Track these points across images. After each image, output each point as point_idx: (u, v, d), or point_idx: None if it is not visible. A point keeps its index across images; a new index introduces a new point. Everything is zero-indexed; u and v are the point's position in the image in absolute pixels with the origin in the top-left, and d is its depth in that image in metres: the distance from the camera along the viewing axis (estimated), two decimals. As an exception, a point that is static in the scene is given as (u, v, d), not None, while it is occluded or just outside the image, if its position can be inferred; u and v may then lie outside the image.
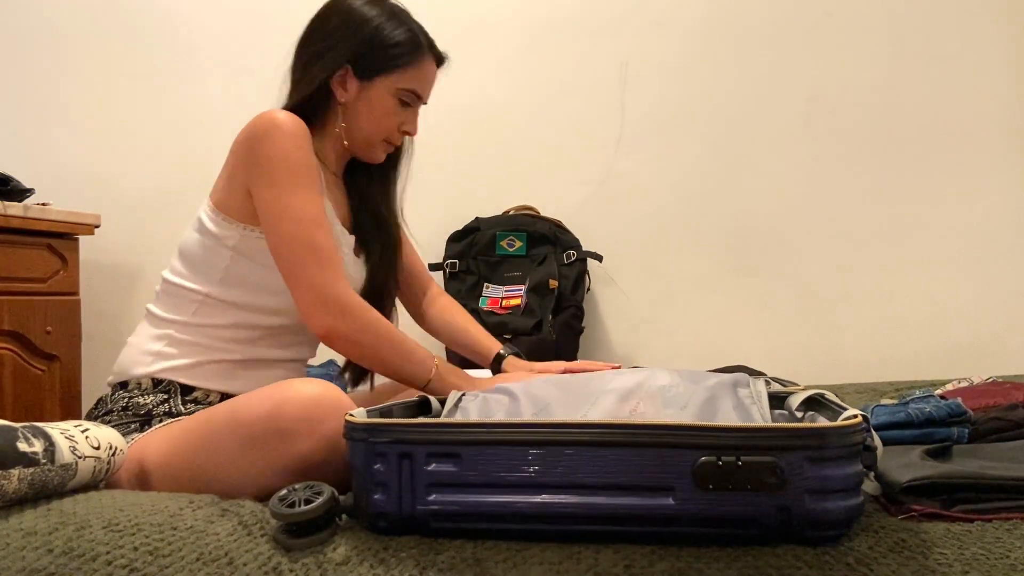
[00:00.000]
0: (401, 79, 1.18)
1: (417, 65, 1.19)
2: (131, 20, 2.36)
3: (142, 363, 1.13)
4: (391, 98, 1.19)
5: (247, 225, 1.13)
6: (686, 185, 2.22)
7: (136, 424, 1.09)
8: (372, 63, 1.16)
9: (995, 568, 0.70)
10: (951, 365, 2.03)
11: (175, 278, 1.17)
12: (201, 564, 0.73)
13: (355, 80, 1.17)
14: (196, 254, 1.16)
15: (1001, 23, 2.11)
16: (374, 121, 1.19)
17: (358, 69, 1.17)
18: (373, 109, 1.18)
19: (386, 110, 1.19)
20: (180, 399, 1.11)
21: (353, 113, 1.19)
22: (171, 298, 1.17)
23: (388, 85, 1.18)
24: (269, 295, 1.15)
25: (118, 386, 1.15)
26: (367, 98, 1.18)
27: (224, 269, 1.14)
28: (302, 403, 0.93)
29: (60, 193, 2.13)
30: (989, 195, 2.11)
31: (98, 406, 1.15)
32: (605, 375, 0.98)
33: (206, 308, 1.14)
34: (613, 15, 2.24)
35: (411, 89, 1.20)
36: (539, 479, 0.76)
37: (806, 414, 0.91)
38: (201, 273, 1.15)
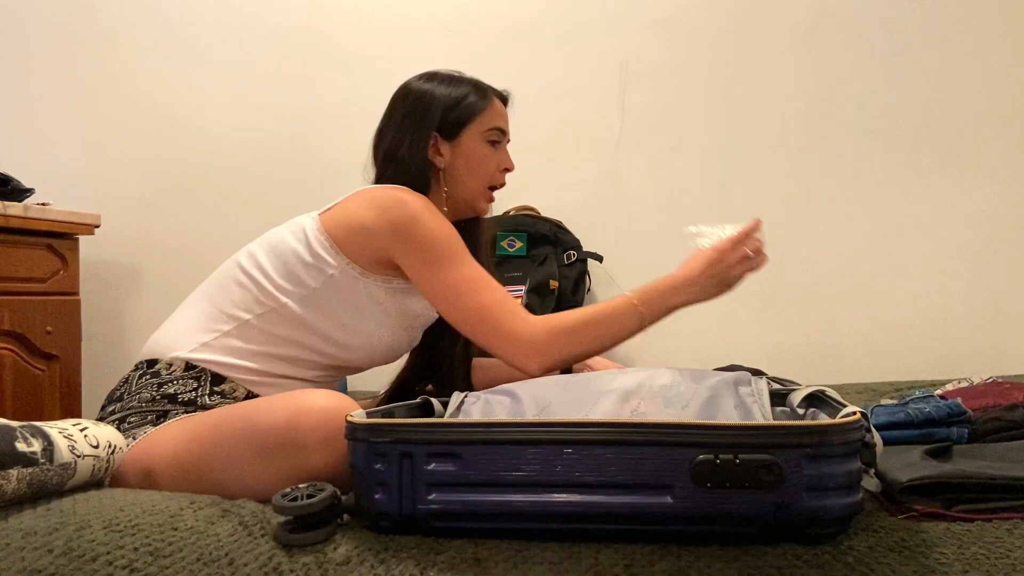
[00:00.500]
0: (483, 123, 1.28)
1: (489, 106, 1.30)
2: (131, 20, 2.36)
3: (184, 347, 1.13)
4: (482, 143, 1.29)
5: (351, 262, 1.16)
6: (686, 185, 2.22)
7: (153, 416, 1.08)
8: (453, 121, 1.26)
9: (995, 568, 0.70)
10: (951, 365, 2.02)
11: (259, 274, 1.17)
12: (201, 564, 0.73)
13: (446, 143, 1.27)
14: (291, 263, 1.16)
15: (1001, 23, 2.11)
16: (475, 170, 1.29)
17: (444, 133, 1.26)
18: (471, 160, 1.28)
19: (482, 156, 1.29)
20: (208, 388, 1.11)
21: (455, 172, 1.28)
22: (244, 291, 1.16)
23: (474, 133, 1.28)
24: (338, 328, 1.17)
25: (145, 365, 1.14)
26: (462, 153, 1.28)
27: (312, 290, 1.15)
28: (318, 416, 0.93)
29: (60, 193, 2.13)
30: (989, 195, 2.11)
31: (122, 387, 1.14)
32: (606, 375, 0.98)
33: (275, 315, 1.15)
34: (613, 15, 2.24)
35: (494, 127, 1.30)
36: (539, 478, 0.76)
37: (807, 411, 0.91)
38: (290, 282, 1.16)
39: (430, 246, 1.14)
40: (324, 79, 2.33)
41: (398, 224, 1.14)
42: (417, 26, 2.30)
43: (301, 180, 2.30)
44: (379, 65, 2.29)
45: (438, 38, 2.30)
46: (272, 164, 2.33)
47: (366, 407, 1.03)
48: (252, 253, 1.20)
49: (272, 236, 1.22)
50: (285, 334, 1.15)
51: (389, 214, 1.15)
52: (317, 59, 2.33)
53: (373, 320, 1.19)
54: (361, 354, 1.22)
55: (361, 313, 1.17)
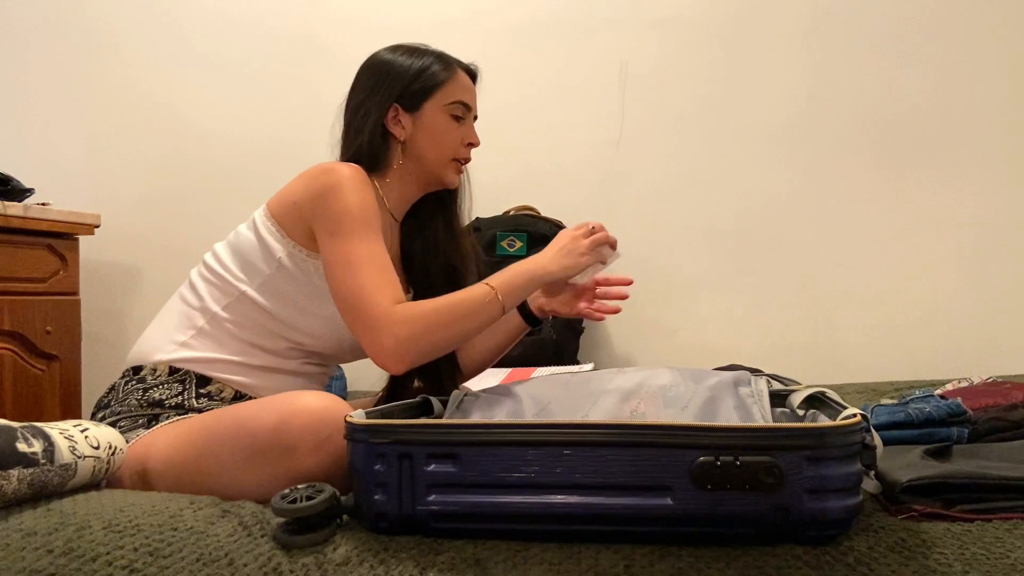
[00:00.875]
0: (445, 95, 1.25)
1: (453, 79, 1.26)
2: (131, 20, 2.36)
3: (164, 350, 1.14)
4: (444, 116, 1.25)
5: (297, 243, 1.15)
6: (686, 185, 2.22)
7: (144, 419, 1.09)
8: (415, 93, 1.23)
9: (995, 568, 0.70)
10: (951, 365, 2.02)
11: (219, 267, 1.18)
12: (201, 565, 0.73)
13: (407, 115, 1.24)
14: (246, 252, 1.17)
15: (1000, 23, 2.11)
16: (437, 143, 1.25)
17: (405, 104, 1.23)
18: (433, 132, 1.24)
19: (444, 128, 1.25)
20: (195, 391, 1.11)
21: (415, 145, 1.25)
22: (209, 285, 1.18)
23: (436, 105, 1.24)
24: (298, 313, 1.16)
25: (131, 372, 1.15)
26: (423, 125, 1.24)
27: (267, 276, 1.15)
28: (309, 418, 0.93)
29: (60, 193, 2.13)
30: (989, 195, 2.11)
31: (109, 394, 1.15)
32: (606, 374, 0.98)
33: (240, 305, 1.15)
34: (612, 15, 2.24)
35: (457, 100, 1.26)
36: (538, 479, 0.76)
37: (808, 412, 0.91)
38: (245, 271, 1.16)
39: (337, 217, 1.10)
40: (324, 80, 2.32)
41: (317, 193, 1.12)
42: (417, 27, 2.30)
43: (301, 180, 2.30)
44: (379, 65, 2.29)
45: (437, 39, 2.27)
46: (272, 164, 2.33)
47: (363, 407, 1.04)
48: (215, 250, 1.22)
49: (235, 231, 1.22)
50: (253, 323, 1.15)
51: (312, 183, 1.13)
52: (317, 60, 2.33)
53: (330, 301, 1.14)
54: (331, 341, 1.20)
55: (318, 296, 1.15)
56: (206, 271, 1.19)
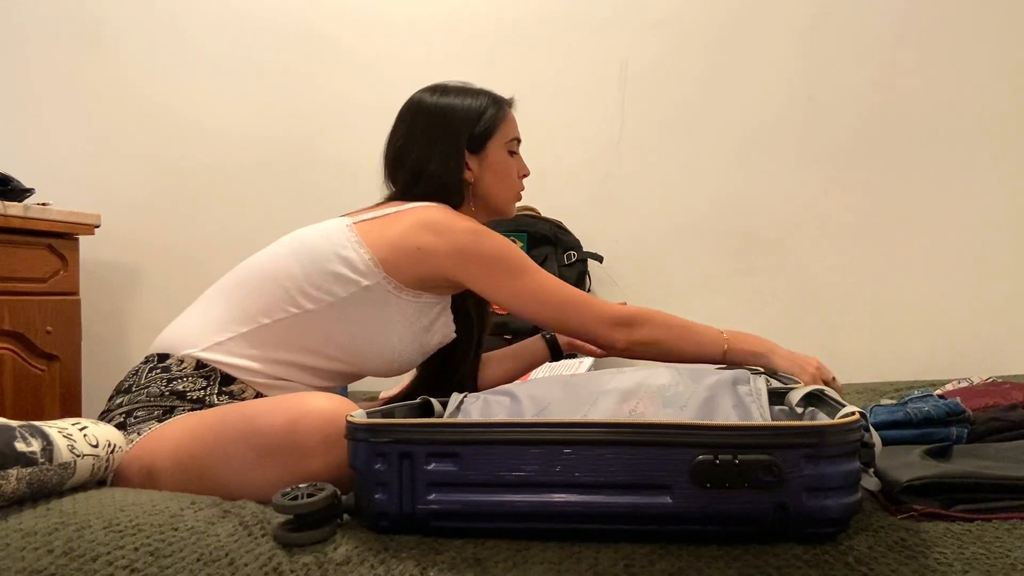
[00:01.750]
0: (503, 134, 1.31)
1: (505, 116, 1.32)
2: (131, 19, 2.36)
3: (197, 344, 1.13)
4: (504, 153, 1.31)
5: (389, 277, 1.16)
6: (686, 185, 2.22)
7: (159, 411, 1.08)
8: (479, 135, 1.29)
9: (995, 568, 0.70)
10: (951, 365, 2.02)
11: (285, 278, 1.15)
12: (202, 565, 0.73)
13: (473, 157, 1.29)
14: (324, 270, 1.14)
15: (999, 22, 2.11)
16: (502, 181, 1.32)
17: (470, 147, 1.28)
18: (498, 171, 1.31)
19: (507, 167, 1.32)
20: (217, 388, 1.11)
21: (484, 184, 1.30)
22: (266, 293, 1.14)
23: (497, 145, 1.30)
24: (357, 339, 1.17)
25: (156, 358, 1.14)
26: (489, 166, 1.30)
27: (341, 299, 1.14)
28: (319, 419, 0.93)
29: (60, 193, 2.13)
30: (989, 195, 2.11)
31: (131, 379, 1.14)
32: (606, 374, 0.98)
33: (295, 321, 1.13)
34: (613, 15, 2.24)
35: (513, 137, 1.33)
36: (538, 479, 0.76)
37: (806, 410, 0.91)
38: (318, 289, 1.14)
39: (500, 261, 1.19)
40: (325, 79, 2.33)
41: (462, 247, 1.17)
42: (418, 26, 2.30)
43: (302, 180, 2.30)
44: (380, 65, 2.29)
45: (438, 38, 2.30)
46: (272, 164, 2.33)
47: (367, 408, 1.03)
48: (278, 255, 1.18)
49: (302, 240, 1.19)
50: (302, 341, 1.14)
51: (448, 238, 1.17)
52: (318, 59, 2.33)
53: (396, 335, 1.19)
54: (373, 366, 1.22)
55: (386, 326, 1.18)
56: (268, 279, 1.15)
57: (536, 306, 1.20)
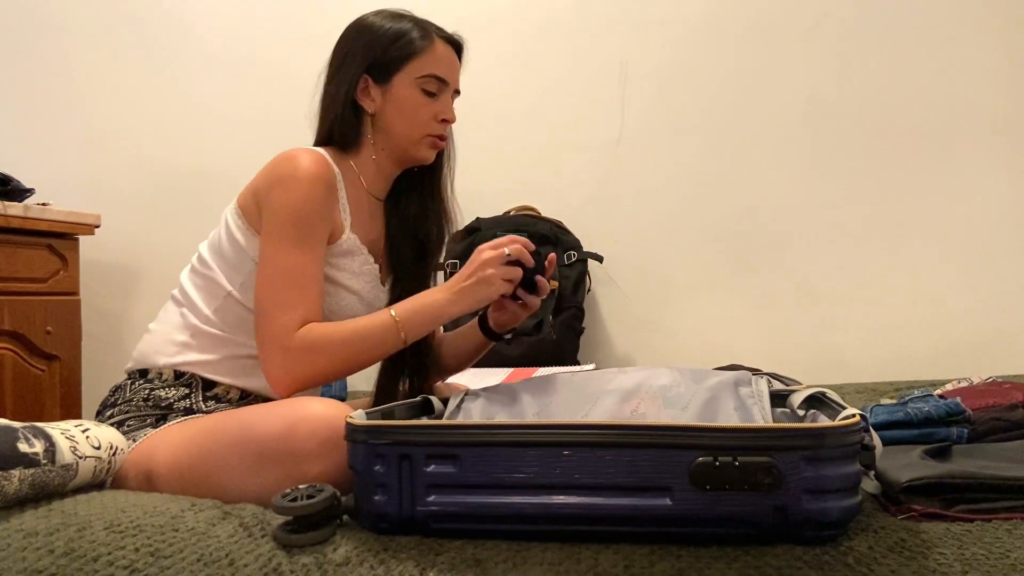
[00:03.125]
0: (417, 68, 1.18)
1: (428, 50, 1.19)
2: (132, 19, 2.36)
3: (166, 353, 1.13)
4: (415, 90, 1.18)
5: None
6: (686, 185, 2.22)
7: (152, 419, 1.09)
8: (385, 63, 1.17)
9: (995, 568, 0.70)
10: (951, 365, 2.02)
11: (203, 269, 1.17)
12: (202, 565, 0.73)
13: (376, 87, 1.18)
14: (224, 252, 1.16)
15: (1000, 22, 2.11)
16: (406, 118, 1.19)
17: (375, 74, 1.18)
18: (402, 107, 1.18)
19: (415, 103, 1.19)
20: (201, 394, 1.12)
21: (385, 119, 1.20)
22: (197, 288, 1.17)
23: (407, 78, 1.18)
24: None
25: (137, 374, 1.15)
26: (393, 99, 1.18)
27: (247, 274, 1.13)
28: (316, 425, 0.93)
29: (60, 193, 2.13)
30: (989, 195, 2.11)
31: (114, 393, 1.15)
32: (606, 374, 0.98)
33: (227, 304, 1.14)
34: (613, 15, 2.24)
35: (429, 74, 1.19)
36: (538, 480, 0.76)
37: (808, 412, 0.91)
38: (227, 272, 1.15)
39: (276, 214, 1.07)
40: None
41: (272, 180, 1.09)
42: (417, 26, 2.30)
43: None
44: (379, 65, 2.29)
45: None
46: (272, 164, 2.33)
47: (363, 406, 1.04)
48: (199, 249, 1.20)
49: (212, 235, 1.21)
50: (243, 323, 1.14)
51: (271, 170, 1.10)
52: (317, 61, 2.33)
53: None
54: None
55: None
56: (192, 274, 1.19)
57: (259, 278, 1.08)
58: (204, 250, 1.19)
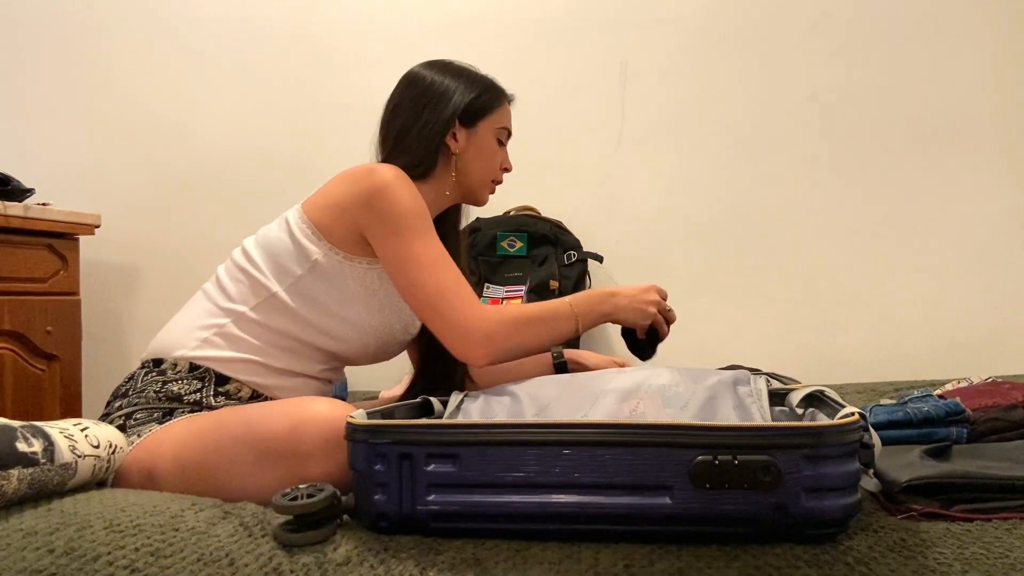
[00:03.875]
0: (497, 119, 1.30)
1: (502, 104, 1.32)
2: (131, 19, 2.36)
3: (186, 345, 1.14)
4: (493, 139, 1.30)
5: (333, 246, 1.16)
6: (686, 185, 2.22)
7: (159, 413, 1.09)
8: (476, 110, 1.28)
9: (995, 568, 0.70)
10: (951, 365, 2.03)
11: (249, 266, 1.18)
12: (202, 565, 0.73)
13: (463, 130, 1.27)
14: (278, 252, 1.17)
15: (1000, 23, 2.11)
16: (484, 163, 1.30)
17: (464, 118, 1.27)
18: (482, 152, 1.29)
19: (492, 151, 1.30)
20: (213, 389, 1.12)
21: (466, 159, 1.28)
22: (238, 284, 1.17)
23: (489, 127, 1.29)
24: (327, 317, 1.17)
25: (151, 364, 1.15)
26: (475, 144, 1.28)
27: (298, 277, 1.15)
28: (321, 425, 0.94)
29: (60, 193, 2.13)
30: (989, 195, 2.11)
31: (127, 383, 1.15)
32: (606, 374, 0.98)
33: (269, 306, 1.15)
34: (613, 15, 2.24)
35: (505, 127, 1.32)
36: (538, 479, 0.76)
37: (807, 411, 0.91)
38: (276, 272, 1.16)
39: (395, 217, 1.12)
40: (323, 82, 2.33)
41: (367, 193, 1.12)
42: (416, 28, 2.30)
43: (299, 182, 2.29)
44: (378, 68, 2.29)
45: (437, 40, 2.30)
46: (272, 165, 2.33)
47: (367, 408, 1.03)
48: (244, 248, 1.22)
49: (265, 230, 1.23)
50: (280, 325, 1.16)
51: (359, 185, 1.14)
52: (316, 62, 2.33)
53: (363, 306, 1.18)
54: (355, 344, 1.21)
55: (349, 300, 1.17)
56: (236, 270, 1.19)
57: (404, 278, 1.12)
58: (251, 247, 1.21)
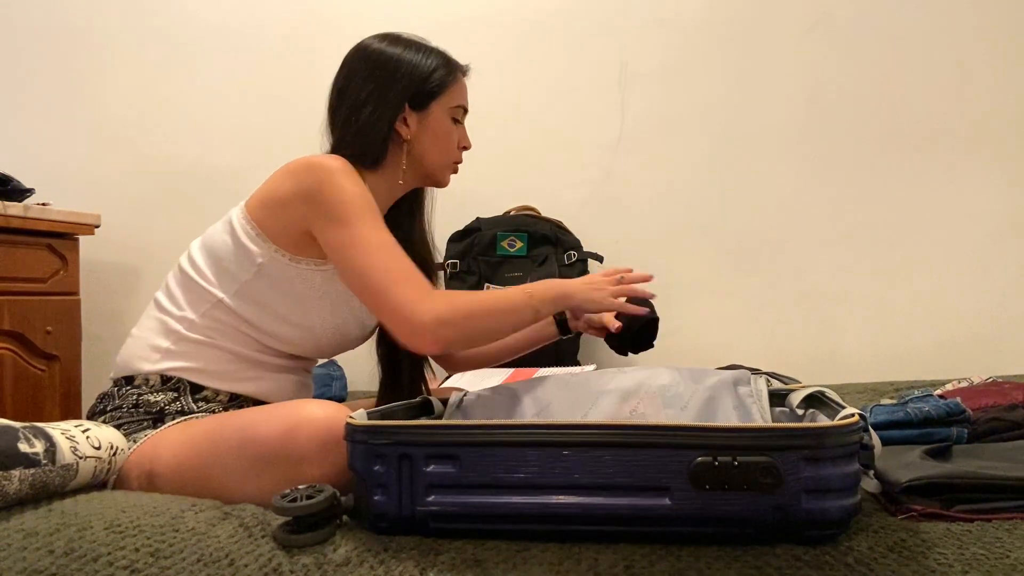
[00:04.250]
0: (450, 98, 1.24)
1: (456, 81, 1.25)
2: (131, 19, 2.36)
3: (148, 359, 1.13)
4: (447, 119, 1.24)
5: (279, 248, 1.12)
6: (686, 185, 2.22)
7: (149, 421, 1.08)
8: (426, 93, 1.21)
9: (995, 568, 0.70)
10: (951, 365, 2.03)
11: (194, 273, 1.15)
12: (202, 565, 0.73)
13: (413, 114, 1.21)
14: (222, 257, 1.14)
15: (1000, 22, 2.11)
16: (440, 146, 1.24)
17: (413, 103, 1.21)
18: (437, 135, 1.23)
19: (447, 131, 1.24)
20: (191, 396, 1.11)
21: (420, 144, 1.23)
22: (186, 291, 1.15)
23: (442, 108, 1.23)
24: (278, 322, 1.14)
25: (123, 381, 1.14)
26: (428, 126, 1.22)
27: (243, 283, 1.13)
28: (315, 428, 0.93)
29: (60, 193, 2.13)
30: (988, 195, 2.11)
31: (102, 401, 1.14)
32: (606, 374, 0.98)
33: (216, 312, 1.13)
34: (613, 15, 2.24)
35: (459, 104, 1.26)
36: (537, 480, 0.76)
37: (807, 412, 0.91)
38: (221, 277, 1.14)
39: (337, 205, 1.07)
40: (324, 81, 2.32)
41: (307, 187, 1.08)
42: (416, 27, 2.29)
43: (301, 180, 2.30)
44: (379, 65, 2.29)
45: (437, 40, 2.29)
46: (271, 165, 2.32)
47: (364, 407, 1.03)
48: (190, 252, 1.19)
49: (209, 233, 1.19)
50: (231, 330, 1.13)
51: (299, 178, 1.10)
52: (317, 61, 2.32)
53: (313, 308, 1.15)
54: (308, 345, 1.19)
55: (299, 302, 1.14)
56: (182, 276, 1.17)
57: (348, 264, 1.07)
58: (196, 251, 1.18)
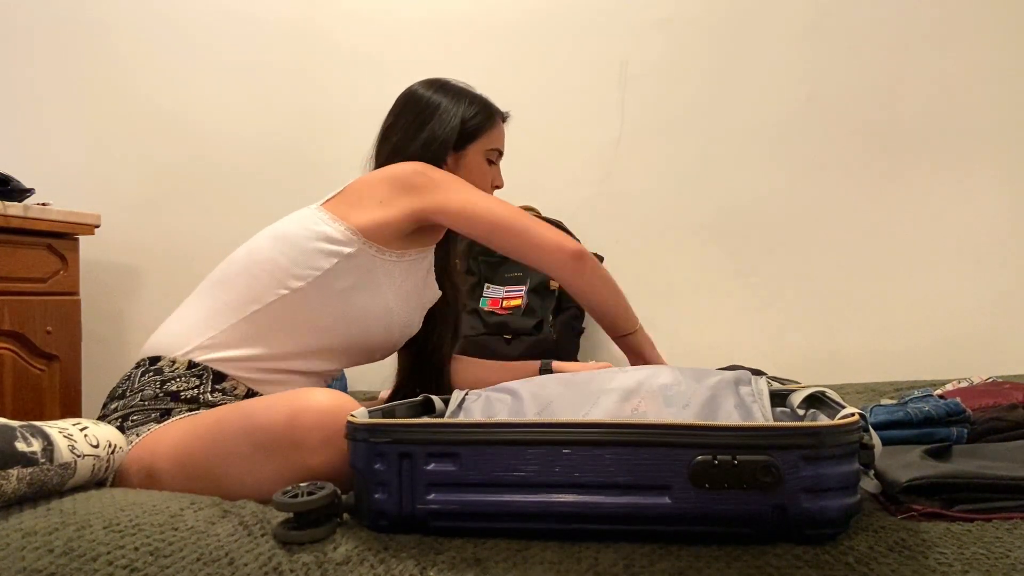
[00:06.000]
0: (487, 141, 1.36)
1: (494, 125, 1.37)
2: (132, 20, 2.37)
3: (186, 345, 1.14)
4: (483, 160, 1.36)
5: (368, 240, 1.18)
6: (686, 185, 2.22)
7: (156, 414, 1.09)
8: (467, 133, 1.33)
9: (995, 568, 0.70)
10: (951, 365, 2.03)
11: (267, 263, 1.17)
12: (202, 564, 0.73)
13: (452, 154, 1.33)
14: (303, 247, 1.17)
15: (1000, 22, 2.11)
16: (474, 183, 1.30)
17: (453, 144, 1.33)
18: (472, 174, 1.34)
19: (481, 172, 1.36)
20: (210, 385, 1.11)
21: None
22: (252, 281, 1.16)
23: (478, 149, 1.35)
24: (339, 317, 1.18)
25: (148, 362, 1.14)
26: (464, 166, 1.34)
27: (328, 272, 1.16)
28: (319, 415, 0.93)
29: (60, 193, 2.13)
30: (988, 195, 2.11)
31: (123, 384, 1.14)
32: (607, 373, 0.98)
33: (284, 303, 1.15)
34: (613, 15, 2.25)
35: (495, 148, 1.38)
36: (538, 479, 0.76)
37: (807, 412, 0.91)
38: (301, 266, 1.16)
39: (445, 178, 1.21)
40: (324, 79, 2.33)
41: (409, 176, 1.19)
42: (417, 26, 2.30)
43: (301, 180, 2.30)
44: (379, 65, 2.29)
45: (438, 38, 2.30)
46: (272, 164, 2.33)
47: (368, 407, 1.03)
48: (259, 247, 1.21)
49: (278, 229, 1.22)
50: (296, 320, 1.16)
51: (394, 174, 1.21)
52: (317, 60, 2.33)
53: (390, 297, 1.22)
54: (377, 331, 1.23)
55: (377, 292, 1.20)
56: (253, 267, 1.18)
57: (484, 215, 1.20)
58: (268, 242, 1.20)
